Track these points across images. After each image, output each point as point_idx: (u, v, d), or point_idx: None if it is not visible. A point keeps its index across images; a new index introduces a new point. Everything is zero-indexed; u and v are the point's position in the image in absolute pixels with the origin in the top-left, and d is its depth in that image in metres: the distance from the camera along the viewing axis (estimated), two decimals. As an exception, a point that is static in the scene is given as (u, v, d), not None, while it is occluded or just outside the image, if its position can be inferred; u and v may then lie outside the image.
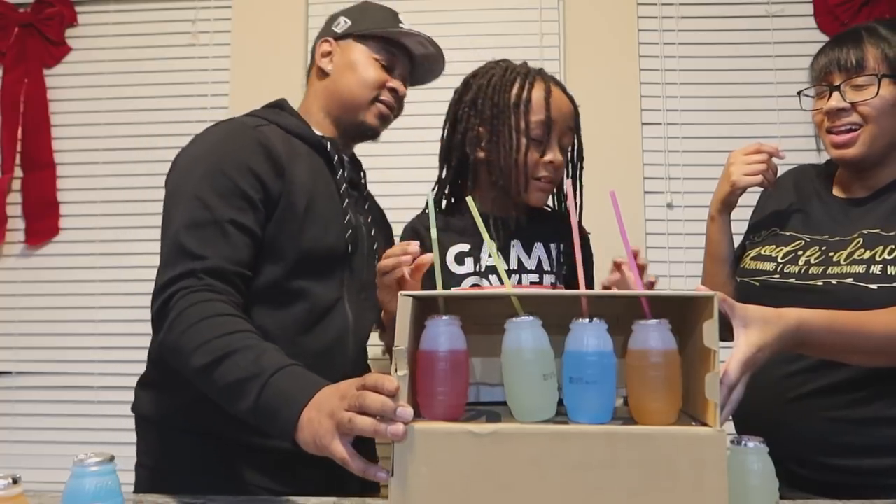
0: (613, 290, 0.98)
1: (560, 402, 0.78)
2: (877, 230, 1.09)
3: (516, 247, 1.20)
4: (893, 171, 1.15)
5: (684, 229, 2.25)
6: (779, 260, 1.17)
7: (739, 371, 0.78)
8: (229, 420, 0.92)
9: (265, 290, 1.11)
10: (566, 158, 1.23)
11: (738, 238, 1.35)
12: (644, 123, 2.32)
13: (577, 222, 1.19)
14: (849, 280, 1.06)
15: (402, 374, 0.75)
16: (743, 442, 0.80)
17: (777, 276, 1.16)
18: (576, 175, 1.28)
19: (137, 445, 1.15)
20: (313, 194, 1.17)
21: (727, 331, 0.80)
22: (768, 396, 1.09)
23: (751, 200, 1.34)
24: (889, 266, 1.04)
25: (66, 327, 2.30)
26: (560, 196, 1.30)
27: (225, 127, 1.18)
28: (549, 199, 1.30)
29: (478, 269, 1.18)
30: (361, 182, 1.37)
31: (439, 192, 1.27)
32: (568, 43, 2.35)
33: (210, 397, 0.94)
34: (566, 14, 2.37)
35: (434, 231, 0.88)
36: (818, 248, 1.14)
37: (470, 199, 0.90)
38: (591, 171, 1.38)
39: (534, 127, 1.15)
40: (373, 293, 1.18)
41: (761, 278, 1.18)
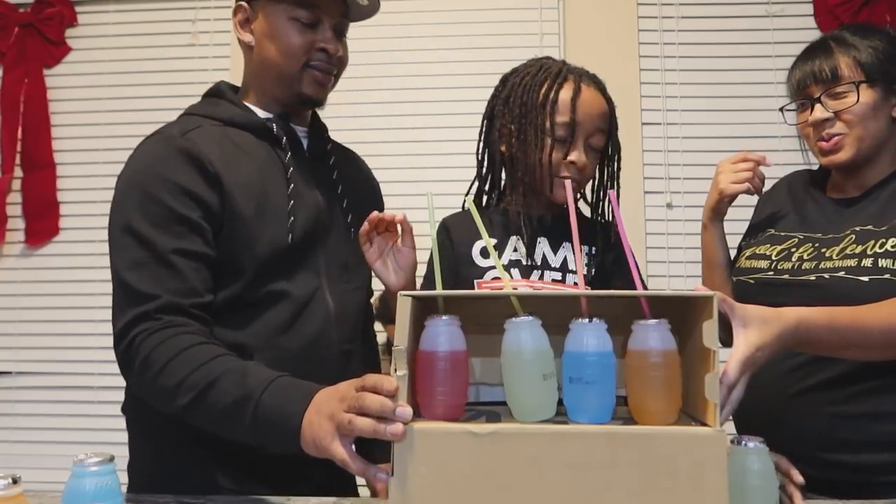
0: (613, 291, 0.98)
1: (560, 402, 0.78)
2: (869, 226, 1.11)
3: (542, 243, 1.21)
4: (883, 169, 1.18)
5: (684, 229, 2.26)
6: (773, 258, 1.19)
7: (739, 371, 0.78)
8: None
9: (232, 303, 1.04)
10: (600, 158, 1.22)
11: (737, 239, 1.36)
12: (644, 123, 2.32)
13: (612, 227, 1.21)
14: (841, 273, 1.07)
15: (402, 374, 0.75)
16: (743, 442, 0.80)
17: (771, 273, 1.17)
18: (605, 175, 1.25)
19: (130, 445, 1.14)
20: (264, 192, 1.07)
21: (727, 334, 0.80)
22: (767, 394, 1.09)
23: (745, 212, 1.36)
24: (880, 259, 1.05)
25: (66, 327, 2.31)
26: (591, 201, 1.30)
27: (151, 144, 1.08)
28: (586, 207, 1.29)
29: (501, 263, 1.18)
30: (328, 149, 1.23)
31: (480, 188, 1.28)
32: (568, 43, 2.35)
33: (206, 429, 0.93)
34: (566, 14, 2.37)
35: (434, 231, 0.88)
36: (811, 245, 1.16)
37: (469, 200, 0.90)
38: (591, 172, 1.38)
39: (558, 128, 1.16)
40: (358, 272, 1.12)
41: (756, 276, 1.20)
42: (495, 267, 1.17)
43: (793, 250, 1.17)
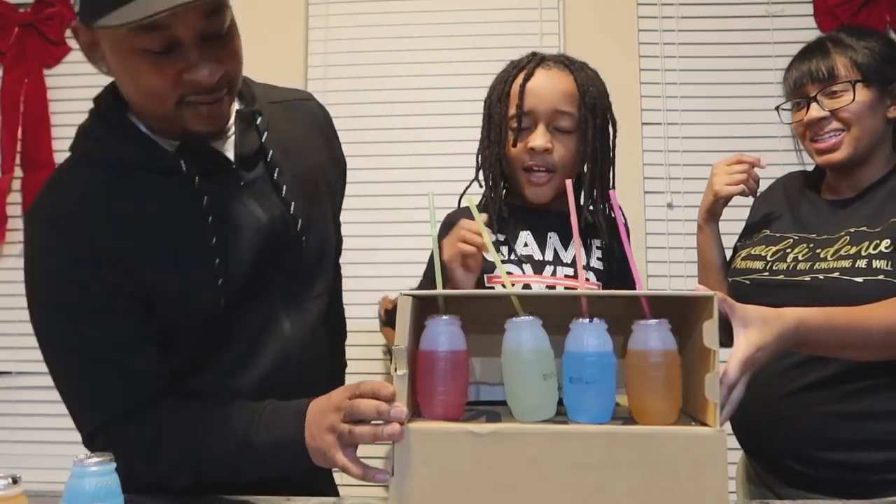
0: (613, 291, 0.98)
1: (560, 402, 0.78)
2: (863, 228, 1.12)
3: (552, 238, 1.20)
4: (878, 170, 1.18)
5: (684, 229, 2.26)
6: (768, 258, 1.20)
7: (739, 371, 0.78)
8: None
9: (181, 366, 0.94)
10: (584, 139, 1.15)
11: (732, 240, 1.36)
12: (644, 123, 2.32)
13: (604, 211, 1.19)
14: (835, 274, 1.08)
15: (402, 374, 0.75)
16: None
17: (766, 274, 1.18)
18: (597, 155, 1.17)
19: None
20: (182, 253, 0.89)
21: (726, 335, 0.81)
22: (763, 393, 1.09)
23: (741, 212, 1.36)
24: (874, 260, 1.06)
25: (66, 327, 2.30)
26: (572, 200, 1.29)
27: (39, 232, 0.93)
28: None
29: (512, 258, 1.18)
30: (262, 142, 0.97)
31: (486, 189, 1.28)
32: (568, 43, 2.35)
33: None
34: (566, 14, 2.37)
35: (434, 230, 0.88)
36: (806, 246, 1.16)
37: (468, 198, 0.91)
38: (591, 171, 1.38)
39: (512, 119, 1.16)
40: (318, 275, 1.02)
41: (752, 276, 1.21)
42: (506, 261, 1.17)
43: (788, 251, 1.18)
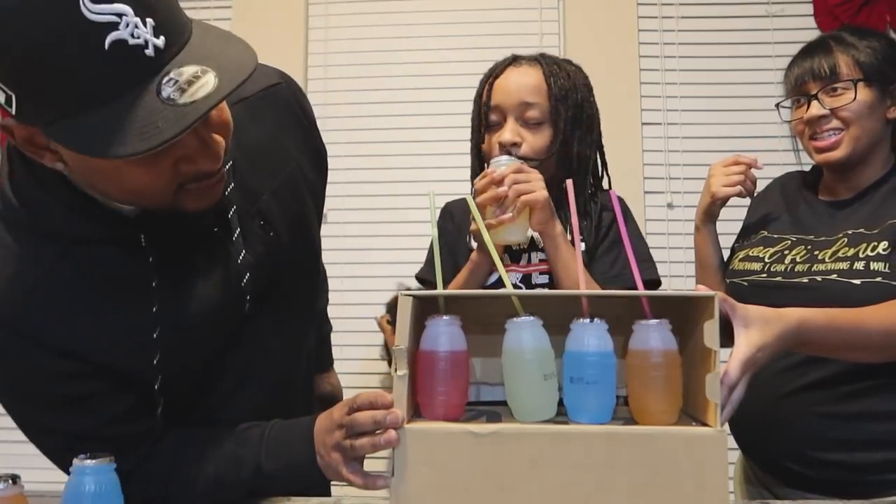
0: (614, 291, 0.98)
1: (560, 402, 0.78)
2: (860, 229, 1.12)
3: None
4: (876, 171, 1.18)
5: (684, 229, 2.26)
6: (766, 260, 1.20)
7: (740, 371, 0.78)
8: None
9: (171, 412, 0.90)
10: (561, 130, 1.15)
11: (730, 241, 1.36)
12: (644, 123, 2.32)
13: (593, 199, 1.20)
14: (833, 276, 1.08)
15: (402, 374, 0.75)
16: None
17: (764, 276, 1.18)
18: (573, 143, 1.16)
19: None
20: (134, 343, 0.82)
21: (727, 336, 0.81)
22: (762, 394, 1.09)
23: (738, 213, 1.36)
24: (872, 262, 1.06)
25: (66, 327, 2.30)
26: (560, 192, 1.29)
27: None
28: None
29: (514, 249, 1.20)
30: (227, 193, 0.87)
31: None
32: (568, 43, 2.36)
33: None
34: (566, 14, 2.37)
35: (435, 230, 0.88)
36: (804, 248, 1.16)
37: (469, 198, 0.91)
38: (591, 171, 1.38)
39: (483, 117, 1.19)
40: (296, 301, 0.99)
41: (749, 278, 1.21)
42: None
43: (786, 252, 1.18)
